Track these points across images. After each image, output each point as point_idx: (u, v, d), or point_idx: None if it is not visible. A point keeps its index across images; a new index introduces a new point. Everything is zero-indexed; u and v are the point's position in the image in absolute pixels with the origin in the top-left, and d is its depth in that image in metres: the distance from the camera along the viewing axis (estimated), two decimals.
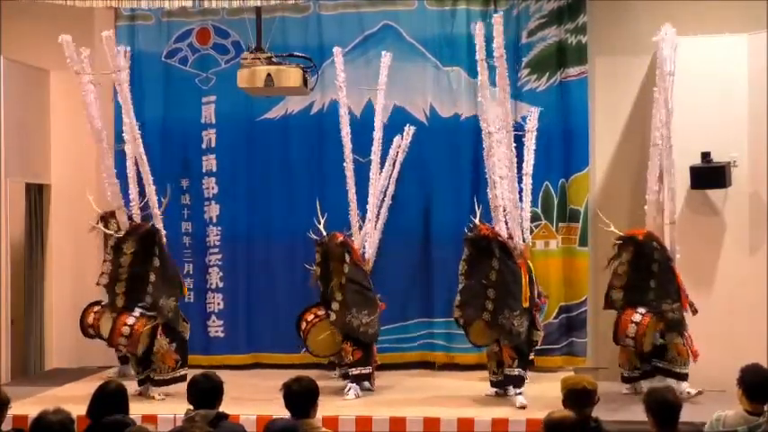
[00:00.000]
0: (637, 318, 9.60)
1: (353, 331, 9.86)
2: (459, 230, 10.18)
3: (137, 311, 9.80)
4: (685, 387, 9.49)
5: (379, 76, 10.59)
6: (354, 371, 9.92)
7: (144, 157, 10.05)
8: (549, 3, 11.40)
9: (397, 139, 10.79)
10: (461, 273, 9.59)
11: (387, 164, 10.61)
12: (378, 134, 10.40)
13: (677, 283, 9.64)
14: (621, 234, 9.95)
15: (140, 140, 10.06)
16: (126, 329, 9.73)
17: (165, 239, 10.04)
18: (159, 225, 10.07)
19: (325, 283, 10.07)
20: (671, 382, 9.23)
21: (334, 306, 9.86)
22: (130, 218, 10.17)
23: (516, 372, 9.39)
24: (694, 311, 9.68)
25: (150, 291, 9.79)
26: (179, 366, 9.85)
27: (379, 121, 10.47)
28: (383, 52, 10.74)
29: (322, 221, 10.22)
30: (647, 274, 9.73)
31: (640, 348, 9.65)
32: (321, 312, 10.09)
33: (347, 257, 9.86)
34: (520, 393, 9.33)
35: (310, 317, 10.12)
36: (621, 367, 10.01)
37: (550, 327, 11.05)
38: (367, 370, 9.99)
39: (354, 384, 9.87)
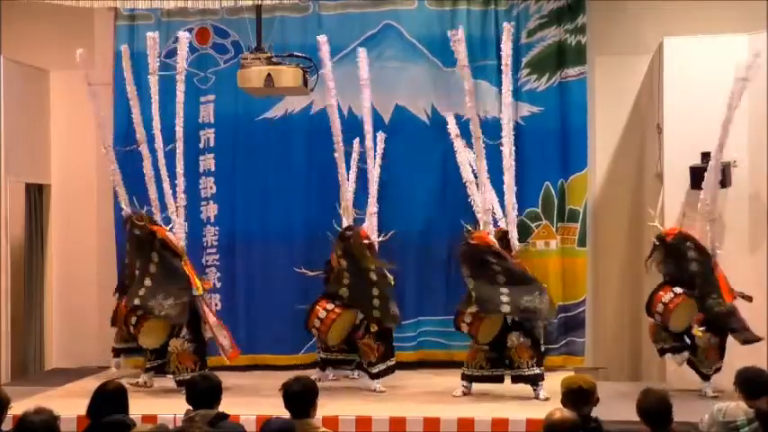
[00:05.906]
0: (669, 296, 9.61)
1: (395, 320, 10.06)
2: (458, 230, 10.12)
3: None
4: (707, 386, 9.58)
5: (359, 71, 10.43)
6: (381, 366, 10.01)
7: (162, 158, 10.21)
8: (548, 3, 11.39)
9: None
10: (467, 276, 9.64)
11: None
12: (367, 127, 10.38)
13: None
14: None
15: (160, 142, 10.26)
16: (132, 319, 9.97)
17: (170, 240, 10.04)
18: (178, 228, 10.15)
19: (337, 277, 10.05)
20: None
21: (374, 302, 9.91)
22: (152, 219, 10.18)
23: (537, 371, 9.56)
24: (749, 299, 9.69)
25: (141, 293, 9.88)
26: (198, 368, 9.89)
27: (366, 115, 10.41)
28: (358, 48, 10.64)
29: (349, 213, 10.22)
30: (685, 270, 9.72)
31: (666, 324, 9.67)
32: (330, 306, 10.01)
33: (369, 253, 9.97)
34: (541, 389, 9.51)
35: (322, 313, 10.02)
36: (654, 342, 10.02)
37: (550, 326, 11.05)
38: (392, 361, 10.12)
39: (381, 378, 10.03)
